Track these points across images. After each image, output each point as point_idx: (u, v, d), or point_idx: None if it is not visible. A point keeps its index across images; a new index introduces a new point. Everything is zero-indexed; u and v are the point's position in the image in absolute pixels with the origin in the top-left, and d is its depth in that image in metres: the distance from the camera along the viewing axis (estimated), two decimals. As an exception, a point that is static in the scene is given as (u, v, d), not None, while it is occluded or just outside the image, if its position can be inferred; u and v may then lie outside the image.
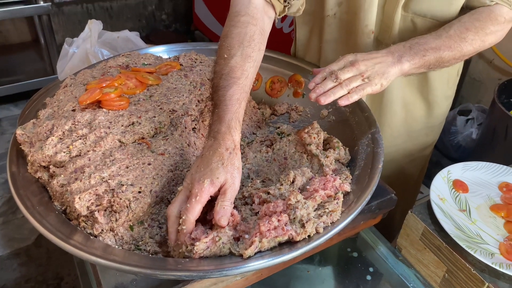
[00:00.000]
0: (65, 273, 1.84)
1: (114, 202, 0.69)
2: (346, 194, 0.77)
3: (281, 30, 2.07)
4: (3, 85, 2.66)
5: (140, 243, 0.71)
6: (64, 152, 0.75)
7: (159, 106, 0.86)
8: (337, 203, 0.72)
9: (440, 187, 0.93)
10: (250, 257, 0.64)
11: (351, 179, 0.81)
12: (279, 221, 0.67)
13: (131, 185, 0.71)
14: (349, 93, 0.81)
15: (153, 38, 3.17)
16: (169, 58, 1.09)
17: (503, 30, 0.96)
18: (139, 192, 0.71)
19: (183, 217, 0.66)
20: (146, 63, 1.02)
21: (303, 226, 0.67)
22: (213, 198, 0.70)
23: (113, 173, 0.72)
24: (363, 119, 0.94)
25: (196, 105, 0.91)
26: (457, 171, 0.98)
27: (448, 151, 2.15)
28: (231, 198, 0.70)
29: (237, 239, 0.68)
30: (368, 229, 0.96)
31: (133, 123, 0.81)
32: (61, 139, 0.77)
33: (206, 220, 0.71)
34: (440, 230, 0.84)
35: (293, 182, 0.78)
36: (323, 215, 0.70)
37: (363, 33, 1.01)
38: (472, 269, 0.78)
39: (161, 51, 1.14)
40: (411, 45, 0.87)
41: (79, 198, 0.69)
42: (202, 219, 0.70)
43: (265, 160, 0.91)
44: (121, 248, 0.70)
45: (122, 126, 0.80)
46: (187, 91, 0.92)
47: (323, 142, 0.90)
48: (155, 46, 1.17)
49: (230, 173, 0.70)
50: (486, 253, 0.78)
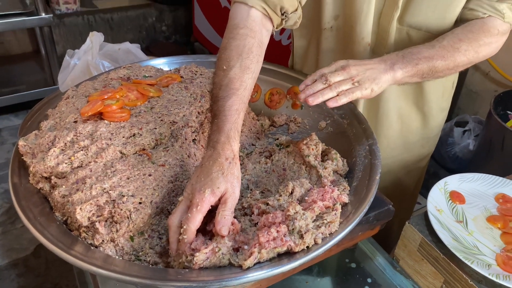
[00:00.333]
0: (63, 284, 1.84)
1: (115, 213, 0.70)
2: (344, 205, 0.78)
3: (279, 42, 2.10)
4: (4, 95, 2.67)
5: (140, 253, 0.71)
6: (66, 163, 0.76)
7: (160, 117, 0.87)
8: (335, 214, 0.73)
9: (437, 198, 0.94)
10: (249, 268, 0.65)
11: (349, 190, 0.82)
12: (278, 232, 0.68)
13: (132, 196, 0.72)
14: (338, 95, 0.82)
15: (153, 49, 3.20)
16: (170, 70, 1.10)
17: (497, 42, 0.97)
18: (140, 203, 0.72)
19: (184, 226, 0.67)
20: (147, 75, 1.04)
21: (301, 237, 0.68)
22: (213, 208, 0.71)
23: (114, 184, 0.73)
24: (361, 131, 0.95)
25: (196, 117, 0.92)
26: (454, 182, 0.99)
27: (445, 162, 2.16)
28: (231, 207, 0.71)
29: (236, 249, 0.69)
30: (366, 240, 0.97)
31: (134, 135, 0.82)
32: (63, 150, 0.78)
33: (206, 230, 0.72)
34: (437, 241, 0.85)
35: (292, 193, 0.79)
36: (321, 226, 0.71)
37: (360, 45, 1.03)
38: (469, 280, 0.78)
39: (162, 63, 1.16)
40: (404, 54, 0.89)
41: (80, 208, 0.69)
42: (202, 229, 0.71)
43: (264, 171, 0.92)
44: (121, 258, 0.70)
45: (123, 137, 0.81)
46: (188, 103, 0.93)
47: (322, 153, 0.91)
48: (156, 58, 1.19)
49: (230, 182, 0.72)
50: (483, 264, 0.79)
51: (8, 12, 2.44)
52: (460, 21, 0.98)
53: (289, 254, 0.68)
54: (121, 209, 0.69)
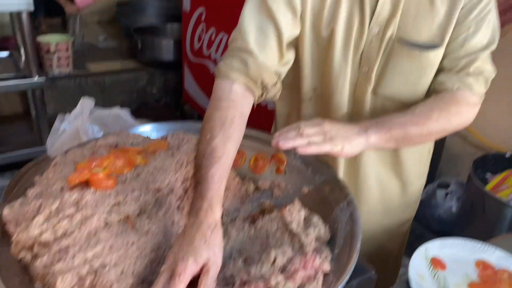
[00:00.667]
0: None
1: (96, 283, 0.69)
2: (326, 274, 0.79)
3: (265, 107, 2.18)
4: (-10, 156, 2.66)
5: (121, 325, 0.70)
6: (49, 231, 0.76)
7: (145, 185, 0.89)
8: (317, 283, 0.74)
9: (418, 265, 0.95)
10: None
11: (331, 257, 0.83)
12: (259, 302, 0.68)
13: (114, 265, 0.72)
14: (308, 144, 0.86)
15: (143, 111, 3.27)
16: (158, 138, 1.14)
17: (469, 112, 1.01)
18: (121, 273, 0.72)
19: (167, 298, 0.67)
20: (134, 143, 1.07)
21: (283, 307, 0.68)
22: (194, 277, 0.71)
23: (97, 254, 0.73)
24: (342, 197, 0.98)
25: (181, 183, 0.95)
26: (434, 248, 1.00)
27: (430, 224, 2.18)
28: (214, 276, 0.71)
29: (218, 321, 0.68)
30: (350, 308, 0.96)
31: (119, 203, 0.84)
32: (47, 219, 0.78)
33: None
34: (420, 309, 0.85)
35: (274, 262, 0.79)
36: (303, 296, 0.71)
37: (338, 114, 1.08)
38: None
39: (149, 130, 1.20)
40: (377, 121, 0.95)
41: (62, 278, 0.69)
42: (183, 300, 0.70)
43: (247, 238, 0.93)
44: (100, 331, 0.69)
45: (108, 205, 0.82)
46: (174, 169, 0.96)
47: (304, 219, 0.93)
48: (144, 124, 1.23)
49: (212, 250, 0.73)
50: (465, 334, 0.79)
51: (1, 75, 2.49)
52: (432, 91, 1.03)
53: (271, 325, 0.68)
54: (103, 280, 0.69)
